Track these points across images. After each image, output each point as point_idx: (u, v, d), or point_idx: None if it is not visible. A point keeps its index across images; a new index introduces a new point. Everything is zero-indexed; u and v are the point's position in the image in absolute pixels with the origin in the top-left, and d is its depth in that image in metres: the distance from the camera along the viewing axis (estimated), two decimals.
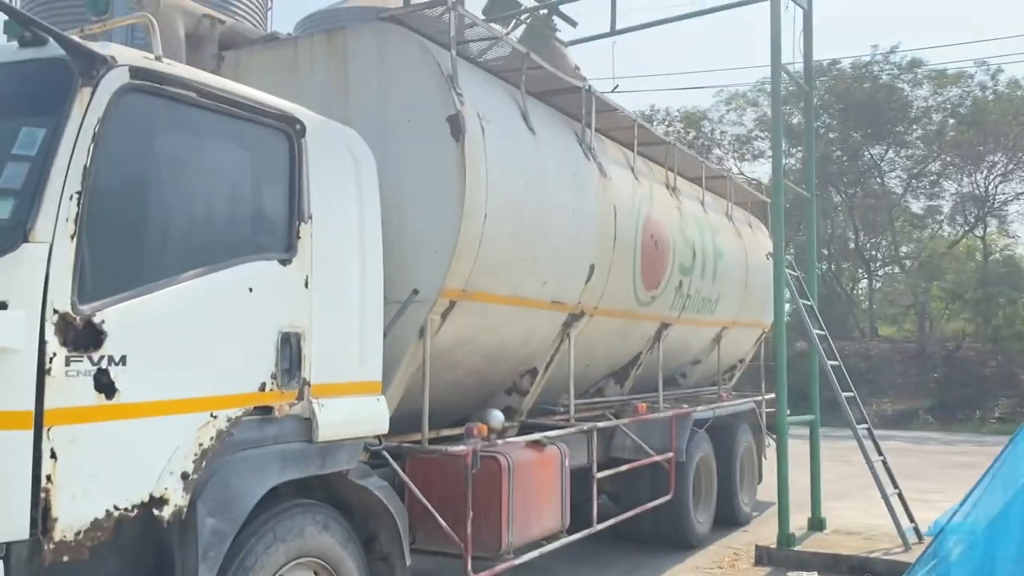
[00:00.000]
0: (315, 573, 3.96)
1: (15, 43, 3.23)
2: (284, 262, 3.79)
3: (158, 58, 3.43)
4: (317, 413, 3.88)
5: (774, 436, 7.97)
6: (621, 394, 7.83)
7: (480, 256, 5.02)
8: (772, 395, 9.15)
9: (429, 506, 4.82)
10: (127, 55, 3.30)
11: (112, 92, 3.16)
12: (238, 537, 3.51)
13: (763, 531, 8.33)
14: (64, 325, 2.93)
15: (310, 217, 3.93)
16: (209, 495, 3.37)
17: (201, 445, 3.36)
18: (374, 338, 4.29)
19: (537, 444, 5.70)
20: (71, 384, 2.95)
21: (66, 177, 2.98)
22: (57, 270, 2.92)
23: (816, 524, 8.12)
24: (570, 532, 5.96)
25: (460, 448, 4.89)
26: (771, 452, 8.72)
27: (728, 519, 8.74)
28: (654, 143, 7.80)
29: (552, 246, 5.75)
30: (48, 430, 2.88)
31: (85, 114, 3.07)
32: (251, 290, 3.61)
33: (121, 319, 3.10)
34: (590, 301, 6.44)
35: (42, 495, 2.85)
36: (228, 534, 3.41)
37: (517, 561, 5.25)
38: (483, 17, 9.85)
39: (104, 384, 3.04)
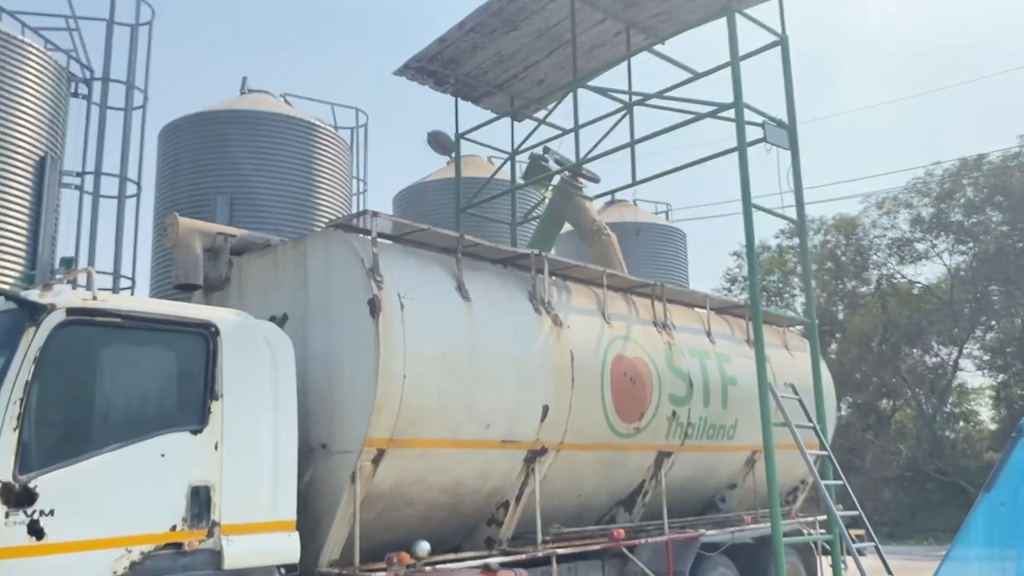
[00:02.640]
0: None
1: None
2: (195, 432, 5.11)
3: (94, 297, 4.97)
4: (225, 547, 5.07)
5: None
6: (631, 521, 8.39)
7: (403, 409, 6.11)
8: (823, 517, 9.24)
9: None
10: (67, 299, 4.86)
11: (51, 328, 4.69)
12: None
13: None
14: (5, 491, 4.36)
15: (221, 396, 5.25)
16: None
17: (115, 572, 4.64)
18: (286, 485, 5.47)
19: (488, 570, 6.50)
20: (9, 530, 4.34)
21: (12, 389, 4.48)
22: (2, 453, 4.38)
23: None
24: None
25: (381, 575, 5.85)
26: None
27: None
28: (638, 287, 8.61)
29: (491, 393, 6.72)
30: None
31: (29, 345, 4.60)
32: (163, 455, 4.94)
33: (51, 483, 4.50)
34: (552, 437, 7.25)
35: None
36: None
37: None
38: (522, 181, 11.27)
39: (35, 530, 4.41)
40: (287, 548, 5.43)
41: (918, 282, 29.11)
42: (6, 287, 4.78)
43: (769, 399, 8.02)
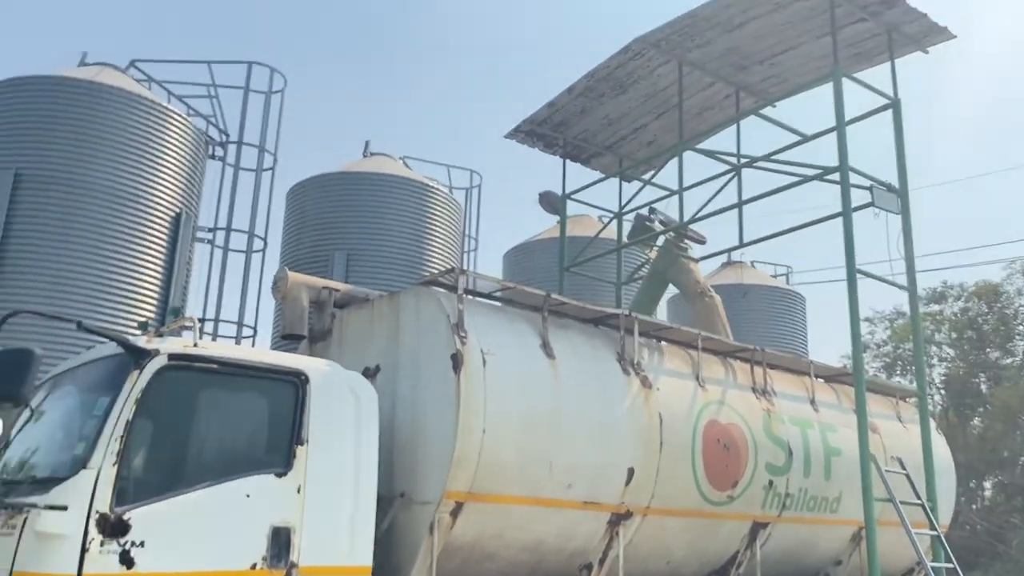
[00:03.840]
0: None
1: (111, 344, 5.35)
2: (280, 475, 5.38)
3: (195, 344, 5.37)
4: None
5: None
6: None
7: (482, 464, 6.21)
8: None
9: None
10: (170, 345, 5.27)
11: (153, 372, 5.10)
12: None
13: None
14: (102, 521, 4.73)
15: (307, 441, 5.52)
16: None
17: None
18: (364, 532, 5.64)
19: None
20: (102, 558, 4.69)
21: (115, 427, 4.89)
22: (101, 486, 4.76)
23: None
24: None
25: None
26: None
27: None
28: (737, 351, 8.46)
29: (573, 453, 6.73)
30: None
31: (132, 388, 5.01)
32: (248, 496, 5.22)
33: (144, 516, 4.85)
34: (638, 501, 7.16)
35: None
36: None
37: None
38: (628, 241, 11.34)
39: (126, 559, 4.75)
40: None
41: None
42: (121, 333, 5.24)
43: (872, 472, 7.65)
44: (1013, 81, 49.38)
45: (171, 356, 5.20)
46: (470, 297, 6.78)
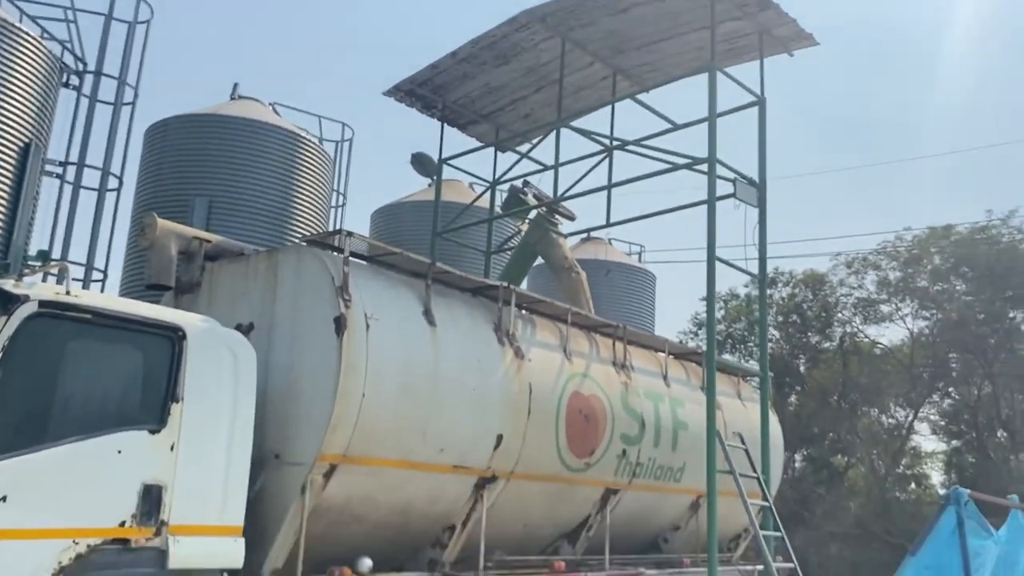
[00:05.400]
0: None
1: None
2: (153, 432, 5.23)
3: (67, 292, 5.09)
4: (172, 547, 5.18)
5: None
6: (574, 554, 8.55)
7: (359, 428, 6.25)
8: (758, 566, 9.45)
9: None
10: (40, 291, 4.98)
11: (22, 319, 4.81)
12: None
13: None
14: None
15: (182, 399, 5.38)
16: None
17: (60, 563, 4.73)
18: (236, 491, 5.59)
19: None
20: None
21: None
22: None
23: None
24: None
25: None
26: None
27: None
28: (601, 326, 8.85)
29: (447, 419, 6.88)
30: None
31: None
32: (120, 452, 5.05)
33: (6, 470, 4.60)
34: (503, 466, 7.42)
35: None
36: None
37: None
38: (499, 212, 11.50)
39: None
40: (232, 552, 5.53)
41: (880, 343, 29.63)
42: None
43: (716, 446, 8.25)
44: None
45: (42, 303, 4.92)
46: (354, 260, 6.74)
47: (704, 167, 9.12)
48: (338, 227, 13.22)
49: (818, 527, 25.51)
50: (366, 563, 6.28)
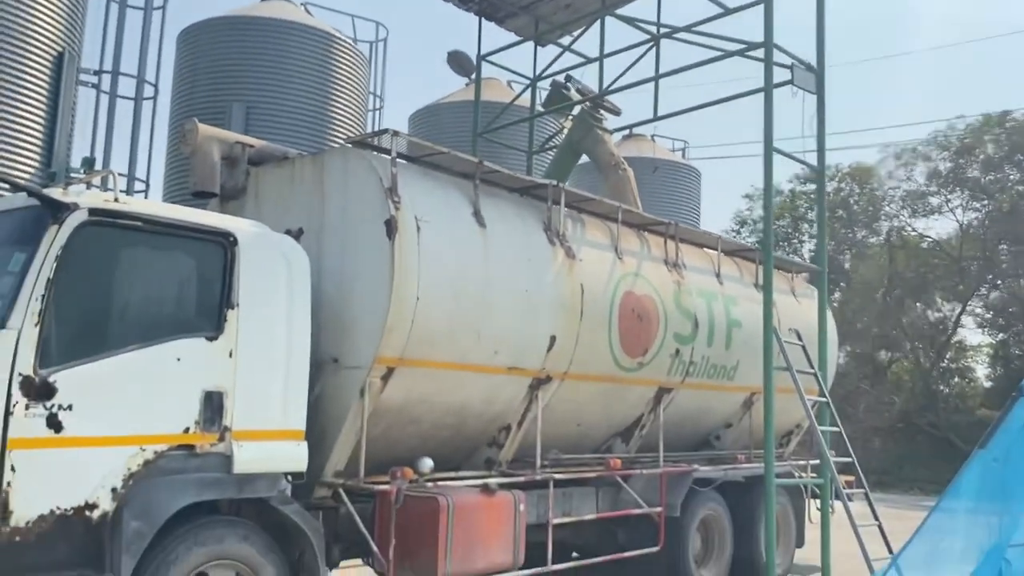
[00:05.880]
0: (238, 573, 5.23)
1: (21, 195, 4.91)
2: (211, 339, 5.20)
3: (116, 199, 4.99)
4: (235, 452, 5.21)
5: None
6: (627, 452, 8.57)
7: (414, 331, 6.19)
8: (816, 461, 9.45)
9: (363, 529, 6.00)
10: (89, 199, 4.88)
11: (73, 227, 4.73)
12: (162, 539, 4.86)
13: None
14: (25, 383, 4.46)
15: (237, 305, 5.32)
16: (133, 505, 4.75)
17: (130, 469, 4.78)
18: (296, 396, 5.58)
19: (487, 489, 6.68)
20: (28, 422, 4.46)
21: (34, 285, 4.54)
22: (23, 347, 4.47)
23: None
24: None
25: (385, 486, 6.01)
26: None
27: None
28: (651, 224, 8.62)
29: (500, 321, 6.79)
30: (9, 452, 4.39)
31: (52, 243, 4.64)
32: (179, 359, 5.04)
33: (71, 379, 4.60)
34: (557, 367, 7.36)
35: (3, 495, 4.35)
36: (147, 535, 4.77)
37: None
38: (540, 109, 11.17)
39: (54, 423, 4.53)
40: (295, 456, 5.57)
41: (928, 236, 29.03)
42: (26, 183, 4.79)
43: (773, 343, 8.10)
44: None
45: (92, 211, 4.83)
46: (400, 161, 6.55)
47: (759, 52, 8.68)
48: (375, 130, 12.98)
49: (862, 422, 25.59)
50: (427, 463, 6.32)
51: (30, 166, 9.22)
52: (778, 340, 8.09)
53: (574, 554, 8.33)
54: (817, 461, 9.95)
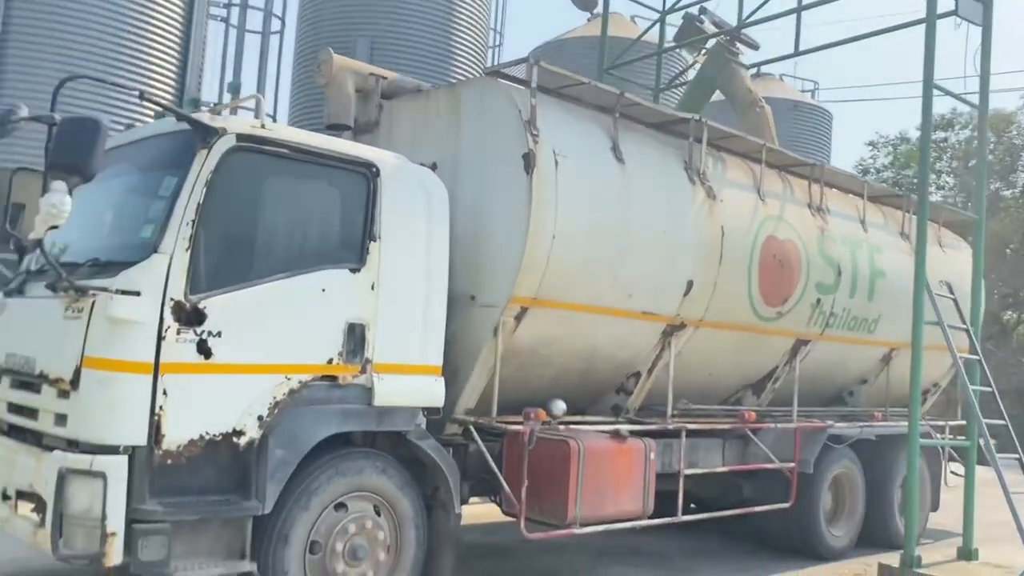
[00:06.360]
0: (375, 506, 5.22)
1: (168, 120, 4.87)
2: (354, 270, 5.11)
3: (262, 125, 4.90)
4: (376, 384, 5.15)
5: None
6: (758, 405, 8.22)
7: (549, 270, 5.97)
8: (962, 422, 8.93)
9: (495, 468, 5.91)
10: (237, 124, 4.81)
11: (222, 152, 4.67)
12: (306, 468, 4.86)
13: (923, 557, 8.17)
14: (177, 308, 4.47)
15: (379, 237, 5.21)
16: (279, 433, 4.75)
17: (275, 398, 4.77)
18: (435, 331, 5.48)
19: (618, 435, 6.48)
20: (179, 347, 4.47)
21: (184, 210, 4.52)
22: (175, 272, 4.46)
23: (966, 554, 7.87)
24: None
25: (518, 427, 5.89)
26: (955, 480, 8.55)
27: (881, 539, 8.68)
28: (795, 165, 8.11)
29: (637, 263, 6.51)
30: (162, 376, 4.42)
31: (201, 168, 4.60)
32: (324, 290, 4.98)
33: (219, 305, 4.59)
34: (692, 313, 7.04)
35: (155, 418, 4.40)
36: (291, 463, 4.77)
37: (578, 531, 6.10)
38: (672, 43, 10.65)
39: (203, 349, 4.54)
40: (433, 392, 5.49)
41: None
42: (178, 108, 4.74)
43: (924, 296, 7.55)
44: None
45: (239, 136, 4.76)
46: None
47: None
48: (495, 62, 12.69)
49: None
50: (560, 406, 6.15)
51: (164, 98, 9.35)
52: (930, 293, 7.53)
53: (692, 505, 8.12)
54: (957, 422, 9.41)
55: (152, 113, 7.13)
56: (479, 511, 7.32)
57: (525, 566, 7.32)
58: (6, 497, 4.78)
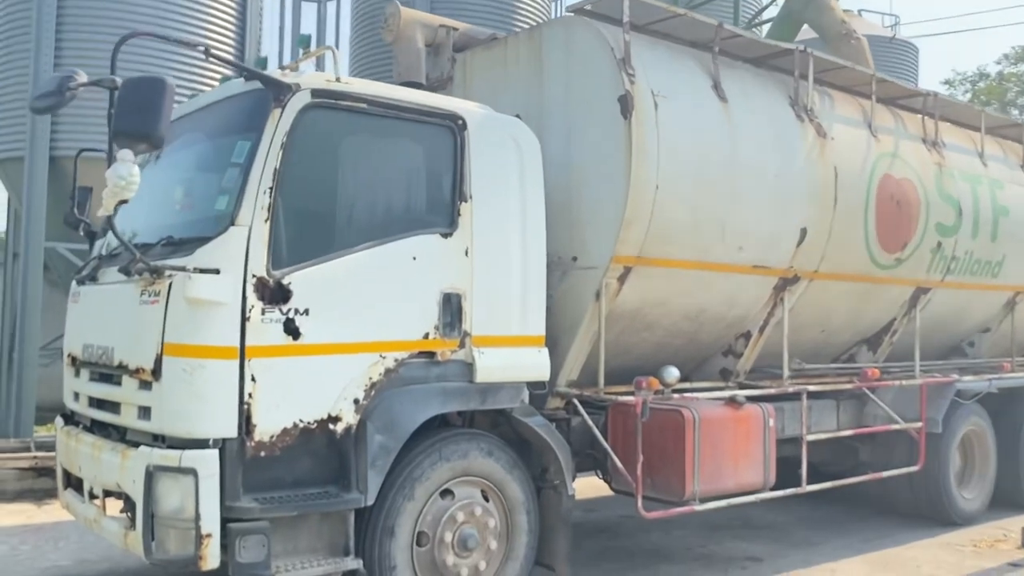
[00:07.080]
0: (483, 491, 4.78)
1: (236, 82, 4.42)
2: (446, 235, 4.63)
3: (337, 79, 4.43)
4: (477, 359, 4.68)
5: None
6: (874, 361, 7.57)
7: (653, 225, 5.42)
8: None
9: (606, 445, 5.43)
10: (310, 80, 4.34)
11: (297, 111, 4.21)
12: (408, 454, 4.44)
13: None
14: (260, 286, 4.05)
15: (470, 197, 4.72)
16: (377, 417, 4.33)
17: (371, 379, 4.34)
18: (536, 298, 4.98)
19: (734, 402, 5.93)
20: (265, 328, 4.06)
21: (261, 176, 4.08)
22: (255, 246, 4.04)
23: None
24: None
25: (629, 398, 5.38)
26: None
27: (1015, 500, 8.00)
28: (905, 97, 7.36)
29: (747, 212, 5.91)
30: (249, 361, 4.01)
31: (276, 129, 4.15)
32: (415, 258, 4.51)
33: (305, 281, 4.16)
34: (806, 265, 6.42)
35: (245, 407, 4.00)
36: (393, 449, 4.34)
37: (698, 508, 5.60)
38: None
39: (291, 329, 4.12)
40: (537, 364, 5.01)
41: None
42: (246, 65, 4.29)
43: None
44: None
45: (314, 92, 4.29)
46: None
47: None
48: (557, 15, 12.05)
49: None
50: (673, 373, 5.63)
51: (222, 72, 8.97)
52: None
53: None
54: None
55: (217, 78, 6.68)
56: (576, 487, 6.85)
57: (634, 544, 6.85)
58: (93, 496, 4.47)
